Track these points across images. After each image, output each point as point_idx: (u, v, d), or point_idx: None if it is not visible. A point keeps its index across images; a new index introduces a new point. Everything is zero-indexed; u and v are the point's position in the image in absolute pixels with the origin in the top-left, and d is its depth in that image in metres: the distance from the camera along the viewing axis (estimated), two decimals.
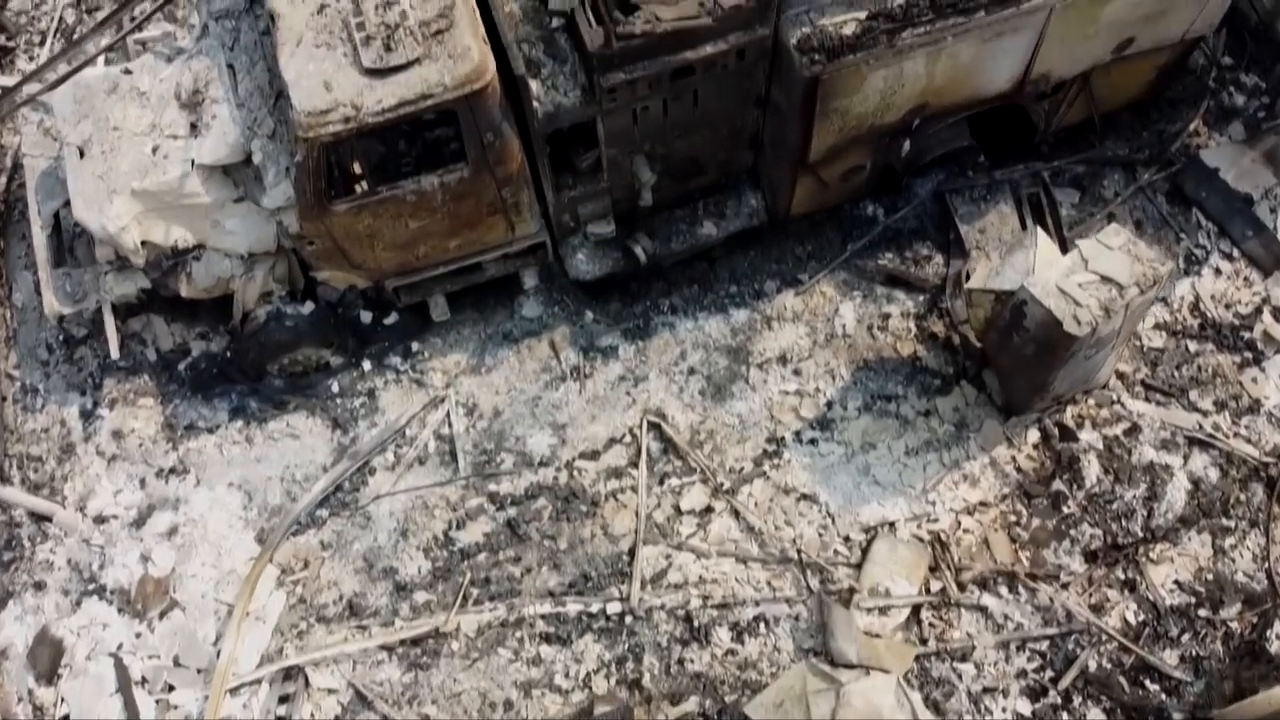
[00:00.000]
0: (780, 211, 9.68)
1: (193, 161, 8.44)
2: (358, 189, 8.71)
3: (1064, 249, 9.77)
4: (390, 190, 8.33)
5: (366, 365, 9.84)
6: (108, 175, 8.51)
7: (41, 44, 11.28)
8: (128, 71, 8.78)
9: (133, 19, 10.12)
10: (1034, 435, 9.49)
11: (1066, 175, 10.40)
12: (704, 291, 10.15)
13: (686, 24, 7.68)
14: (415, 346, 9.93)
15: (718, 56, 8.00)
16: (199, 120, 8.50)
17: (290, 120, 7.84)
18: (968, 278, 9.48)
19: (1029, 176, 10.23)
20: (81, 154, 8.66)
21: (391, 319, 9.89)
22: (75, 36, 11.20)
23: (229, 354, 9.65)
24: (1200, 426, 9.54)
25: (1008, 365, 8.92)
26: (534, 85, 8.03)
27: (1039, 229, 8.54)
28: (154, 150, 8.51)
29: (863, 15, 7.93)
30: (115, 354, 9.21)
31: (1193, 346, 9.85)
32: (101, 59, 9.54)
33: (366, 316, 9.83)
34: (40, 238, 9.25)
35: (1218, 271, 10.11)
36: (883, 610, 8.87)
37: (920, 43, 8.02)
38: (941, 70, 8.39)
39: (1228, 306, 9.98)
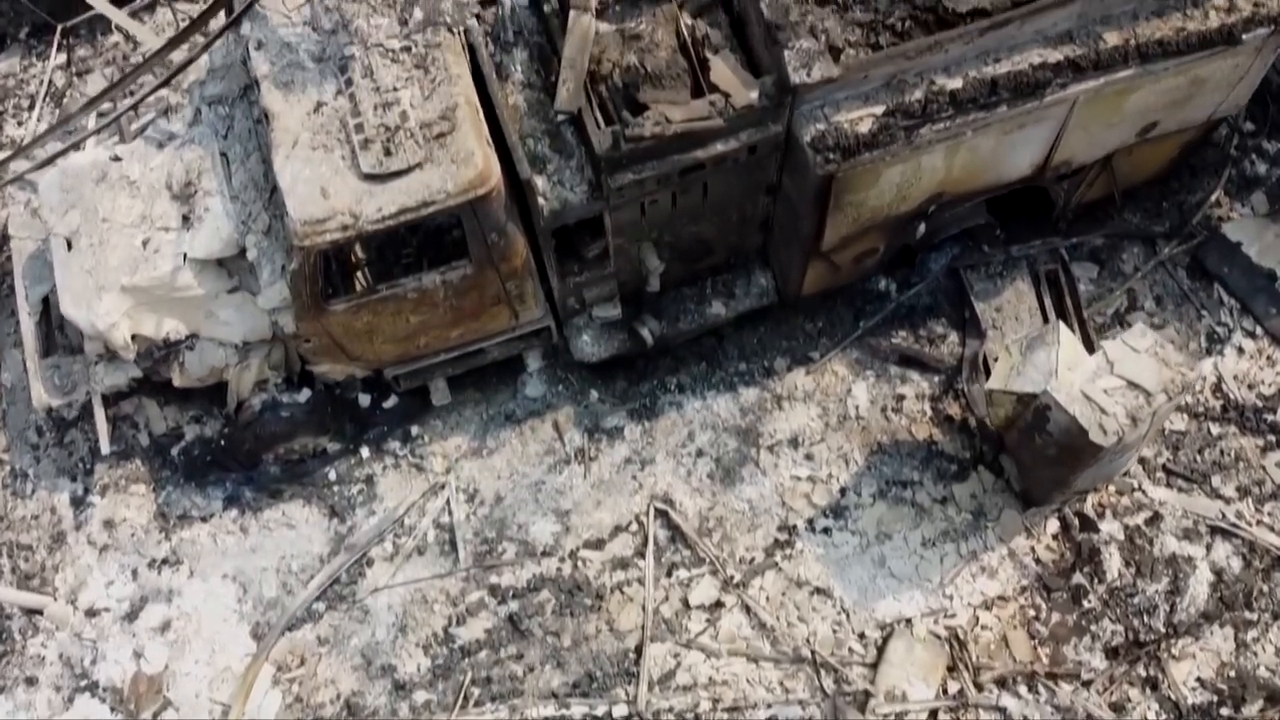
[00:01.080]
0: (791, 292, 9.39)
1: (185, 255, 8.14)
2: (357, 280, 8.43)
3: (1084, 329, 9.55)
4: (390, 288, 8.03)
5: (364, 451, 9.54)
6: (96, 270, 8.20)
7: (30, 108, 10.95)
8: (117, 159, 8.45)
9: (128, 93, 9.82)
10: (1053, 525, 9.21)
11: (1085, 248, 10.09)
12: (712, 369, 9.85)
13: (697, 125, 7.37)
14: (415, 430, 9.63)
15: (728, 154, 7.71)
16: (191, 212, 8.17)
17: (286, 226, 7.52)
18: (985, 366, 9.19)
19: (1047, 252, 9.91)
20: (69, 245, 8.35)
21: (390, 402, 9.62)
22: (65, 100, 10.87)
23: (223, 441, 9.35)
24: (1223, 515, 9.25)
25: (1029, 462, 8.64)
26: (540, 182, 7.74)
27: (1061, 324, 8.22)
28: (144, 243, 8.20)
29: (879, 111, 7.58)
30: (106, 448, 8.91)
31: (1215, 429, 9.57)
32: (91, 140, 9.21)
33: (365, 400, 9.57)
34: (28, 324, 8.95)
35: (1240, 351, 9.81)
36: (899, 716, 8.60)
37: (939, 138, 7.71)
38: (960, 162, 8.09)
39: (1250, 387, 9.69)
